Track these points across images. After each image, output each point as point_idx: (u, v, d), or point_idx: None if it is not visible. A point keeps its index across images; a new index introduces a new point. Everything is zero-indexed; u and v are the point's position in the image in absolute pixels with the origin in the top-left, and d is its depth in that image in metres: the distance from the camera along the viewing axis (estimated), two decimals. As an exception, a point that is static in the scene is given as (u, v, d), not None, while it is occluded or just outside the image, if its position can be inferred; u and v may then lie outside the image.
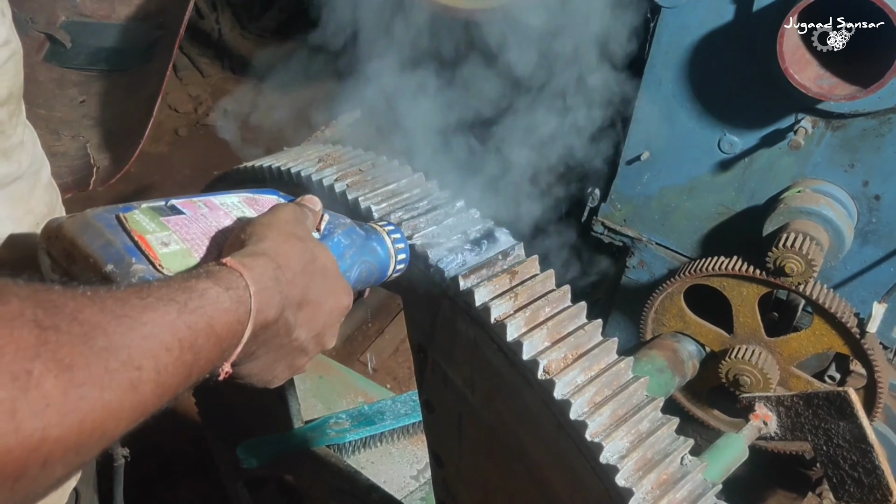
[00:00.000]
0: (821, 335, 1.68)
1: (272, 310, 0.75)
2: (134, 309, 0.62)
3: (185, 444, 2.74)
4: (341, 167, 1.20)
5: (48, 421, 0.52)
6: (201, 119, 4.44)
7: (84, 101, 1.88)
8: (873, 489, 1.23)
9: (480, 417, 1.08)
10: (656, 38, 1.70)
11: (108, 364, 0.57)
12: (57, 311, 0.56)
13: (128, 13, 1.87)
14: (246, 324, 0.71)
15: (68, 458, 0.55)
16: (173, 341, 0.63)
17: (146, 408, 0.61)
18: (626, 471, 0.90)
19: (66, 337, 0.55)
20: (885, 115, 1.54)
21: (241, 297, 0.71)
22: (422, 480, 1.90)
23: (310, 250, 0.83)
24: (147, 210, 0.83)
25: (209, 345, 0.66)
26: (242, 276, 0.72)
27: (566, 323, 1.00)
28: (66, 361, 0.54)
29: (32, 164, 1.00)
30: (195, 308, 0.66)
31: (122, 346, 0.59)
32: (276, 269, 0.76)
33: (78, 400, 0.54)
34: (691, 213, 1.87)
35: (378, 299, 3.36)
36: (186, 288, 0.67)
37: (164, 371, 0.61)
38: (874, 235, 1.69)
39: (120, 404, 0.58)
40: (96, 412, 0.55)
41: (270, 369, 0.82)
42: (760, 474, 2.14)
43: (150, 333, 0.61)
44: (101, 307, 0.59)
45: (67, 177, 1.79)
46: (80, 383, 0.55)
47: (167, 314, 0.63)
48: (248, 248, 0.79)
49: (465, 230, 1.08)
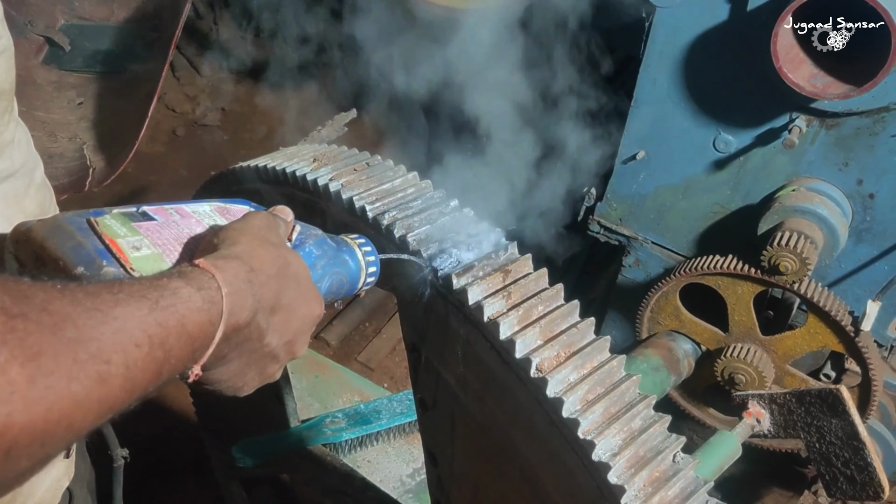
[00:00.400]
0: (815, 333, 1.69)
1: (244, 312, 0.74)
2: (105, 303, 0.61)
3: (181, 444, 2.74)
4: (336, 167, 1.21)
5: (13, 408, 0.52)
6: (198, 119, 4.43)
7: (82, 103, 1.89)
8: (865, 486, 1.23)
9: (473, 416, 1.08)
10: (651, 38, 1.70)
11: (76, 355, 0.57)
12: (26, 301, 0.56)
13: (126, 15, 1.88)
14: (217, 325, 0.71)
15: (33, 449, 0.54)
16: (143, 337, 0.62)
17: (114, 403, 0.60)
18: (619, 468, 0.90)
19: (35, 326, 0.55)
20: (878, 114, 1.55)
21: (213, 297, 0.70)
22: (417, 479, 1.90)
23: (283, 256, 0.83)
24: (118, 215, 0.83)
25: (180, 343, 0.66)
26: (215, 277, 0.72)
27: (559, 321, 1.00)
28: (34, 350, 0.54)
29: (26, 162, 1.00)
30: (166, 306, 0.65)
31: (92, 338, 0.58)
32: (250, 272, 0.76)
33: (44, 389, 0.54)
34: (687, 212, 1.87)
35: (375, 300, 3.36)
36: (158, 286, 0.67)
37: (133, 366, 0.61)
38: (868, 234, 1.69)
39: (87, 396, 0.57)
40: (63, 402, 0.55)
41: (241, 375, 0.81)
42: (757, 473, 2.15)
43: (121, 328, 0.61)
44: (71, 299, 0.59)
45: (64, 178, 1.79)
46: (48, 373, 0.54)
47: (138, 310, 0.63)
48: (221, 251, 0.78)
49: (458, 229, 1.08)
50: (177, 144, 4.30)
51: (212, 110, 4.46)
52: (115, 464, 1.47)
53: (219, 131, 4.39)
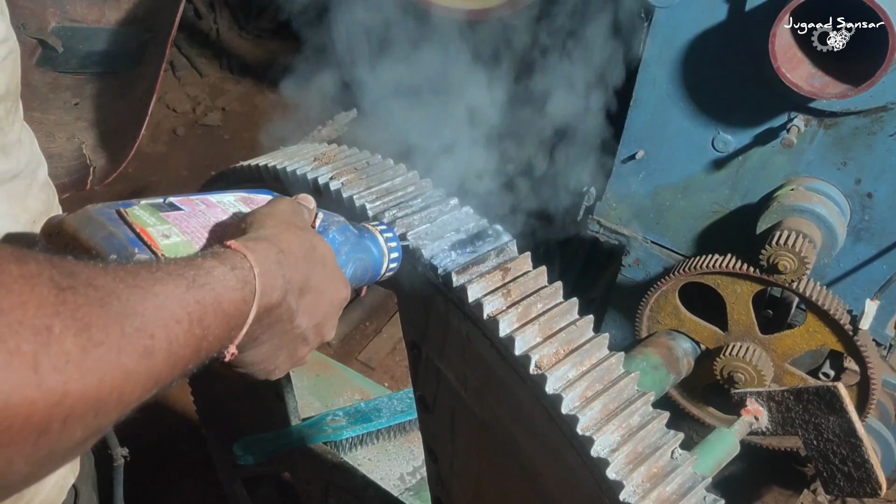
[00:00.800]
0: (814, 332, 1.70)
1: (276, 292, 0.75)
2: (145, 281, 0.62)
3: (183, 442, 2.75)
4: (336, 166, 1.21)
5: (69, 376, 0.52)
6: (199, 119, 4.44)
7: (78, 104, 1.90)
8: (863, 483, 1.24)
9: (473, 413, 1.09)
10: (650, 38, 1.71)
11: (123, 329, 0.58)
12: (73, 276, 0.57)
13: (117, 17, 1.89)
14: (251, 304, 0.71)
15: (87, 419, 0.55)
16: (183, 314, 0.63)
17: (160, 377, 0.61)
18: (617, 464, 0.91)
19: (83, 299, 0.56)
20: (876, 114, 1.56)
21: (245, 277, 0.71)
22: (418, 477, 1.91)
23: (309, 239, 0.84)
24: (146, 206, 0.85)
25: (217, 321, 0.67)
26: (246, 257, 0.73)
27: (558, 319, 1.01)
28: (85, 321, 0.55)
29: (30, 162, 1.01)
30: (203, 284, 0.66)
31: (136, 313, 0.59)
32: (279, 254, 0.77)
33: (96, 359, 0.55)
34: (686, 212, 1.88)
35: (375, 298, 3.37)
36: (193, 265, 0.68)
37: (175, 342, 0.62)
38: (867, 233, 1.70)
39: (136, 368, 0.58)
40: (114, 373, 0.56)
41: (273, 358, 0.82)
42: (756, 471, 2.16)
43: (162, 304, 0.62)
44: (113, 276, 0.60)
45: (64, 177, 1.80)
46: (98, 343, 0.55)
47: (177, 288, 0.64)
48: (250, 234, 0.80)
49: (458, 227, 1.09)
50: (178, 144, 4.32)
51: (213, 110, 4.47)
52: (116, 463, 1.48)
53: (220, 131, 4.40)
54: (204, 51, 4.77)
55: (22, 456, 0.52)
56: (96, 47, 1.91)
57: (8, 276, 0.52)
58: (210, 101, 4.55)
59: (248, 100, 4.59)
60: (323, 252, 0.86)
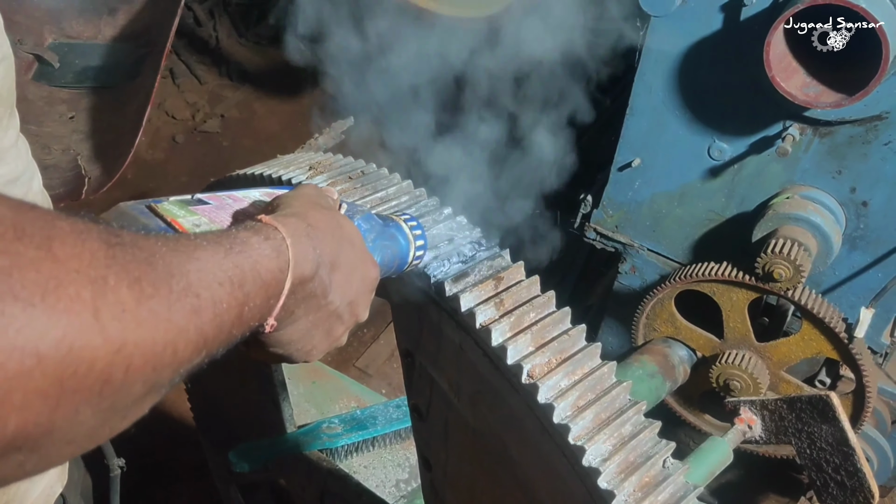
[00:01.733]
0: (810, 340, 1.70)
1: (308, 264, 0.76)
2: (185, 246, 0.63)
3: (180, 449, 2.75)
4: (331, 174, 1.22)
5: (126, 325, 0.53)
6: (198, 126, 4.45)
7: (73, 117, 1.91)
8: (856, 492, 1.24)
9: (466, 422, 1.09)
10: (646, 46, 1.72)
11: (171, 286, 0.58)
12: (119, 236, 0.57)
13: (113, 33, 1.91)
14: (286, 273, 0.72)
15: (146, 372, 0.56)
16: (224, 277, 0.64)
17: (207, 338, 0.62)
18: (609, 473, 0.91)
19: (131, 255, 0.56)
20: (871, 123, 1.56)
21: (279, 247, 0.72)
22: (413, 484, 1.91)
23: (335, 218, 0.86)
24: (175, 202, 0.87)
25: (256, 288, 0.68)
26: (278, 229, 0.74)
27: (550, 328, 1.01)
28: (135, 275, 0.55)
29: (26, 170, 1.02)
30: (240, 251, 0.67)
31: (181, 272, 0.60)
32: (308, 227, 0.78)
33: (150, 311, 0.55)
34: (682, 220, 1.88)
35: (373, 305, 3.36)
36: (229, 236, 0.69)
37: (219, 304, 0.63)
38: (862, 241, 1.70)
39: (186, 325, 0.59)
40: (167, 327, 0.57)
41: (309, 337, 0.82)
42: (753, 479, 2.16)
43: (203, 267, 0.63)
44: (155, 240, 0.61)
45: (60, 188, 1.81)
46: (150, 296, 0.56)
47: (216, 253, 0.65)
48: (278, 212, 0.81)
49: (451, 237, 1.09)
50: (177, 151, 4.32)
51: (212, 117, 4.48)
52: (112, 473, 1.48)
53: (219, 138, 4.41)
54: (203, 58, 4.78)
55: (88, 405, 0.52)
56: (92, 62, 1.92)
57: (59, 230, 0.53)
58: (209, 107, 4.56)
59: (246, 106, 4.60)
60: (350, 232, 0.87)
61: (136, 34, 1.92)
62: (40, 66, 1.85)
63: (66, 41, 1.86)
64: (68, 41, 1.86)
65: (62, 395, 0.50)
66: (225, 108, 4.54)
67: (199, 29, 4.83)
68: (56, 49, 1.85)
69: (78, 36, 1.87)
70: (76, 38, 1.87)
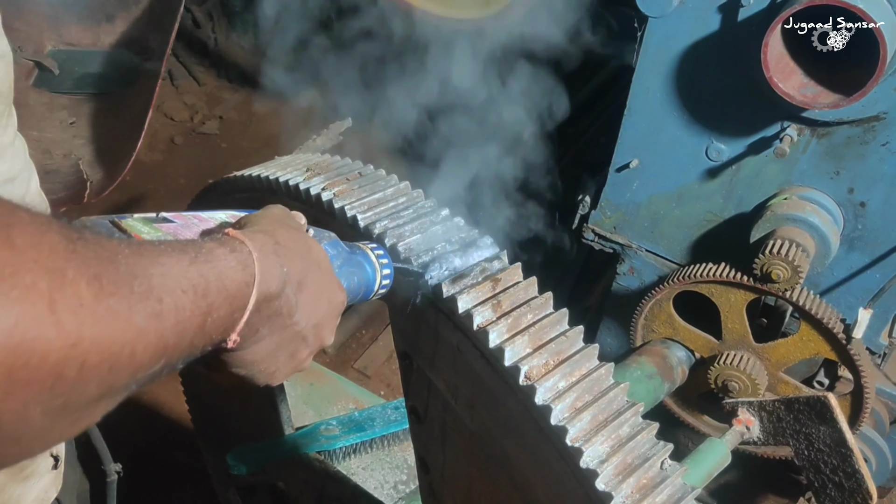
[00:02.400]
0: (808, 341, 1.70)
1: (275, 280, 0.75)
2: (150, 252, 0.62)
3: (178, 452, 2.75)
4: (328, 176, 1.22)
5: (83, 320, 0.52)
6: (197, 127, 4.45)
7: (74, 123, 1.92)
8: (853, 493, 1.24)
9: (464, 423, 1.09)
10: (644, 48, 1.72)
11: (132, 286, 0.57)
12: (82, 232, 0.56)
13: (112, 40, 1.92)
14: (252, 287, 0.71)
15: (102, 372, 0.54)
16: (188, 284, 0.63)
17: (168, 345, 0.60)
18: (606, 475, 0.91)
19: (93, 252, 0.55)
20: (868, 123, 1.56)
21: (245, 260, 0.71)
22: (412, 486, 1.90)
23: (304, 240, 0.84)
24: (139, 219, 0.85)
25: (220, 299, 0.67)
26: (245, 243, 0.73)
27: (548, 329, 1.01)
28: (96, 271, 0.54)
29: (24, 170, 1.02)
30: (205, 260, 0.66)
31: (144, 275, 0.59)
32: (276, 245, 0.77)
33: (108, 309, 0.54)
34: (680, 221, 1.88)
35: (371, 307, 3.37)
36: (195, 245, 0.68)
37: (181, 310, 0.61)
38: (860, 242, 1.70)
39: (146, 328, 0.57)
40: (126, 327, 0.55)
41: (273, 357, 0.81)
42: (752, 480, 2.16)
43: (167, 273, 0.61)
44: (119, 242, 0.60)
45: (62, 192, 1.82)
46: (109, 294, 0.54)
47: (181, 261, 0.64)
48: (246, 228, 0.80)
49: (449, 238, 1.09)
50: (175, 153, 4.32)
51: (210, 119, 4.48)
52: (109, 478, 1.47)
53: (217, 139, 4.41)
54: (202, 60, 4.78)
55: (38, 402, 0.50)
56: (91, 69, 1.94)
57: (19, 219, 0.51)
58: (207, 109, 4.55)
59: (245, 108, 4.60)
60: (318, 254, 0.86)
61: (135, 41, 1.94)
62: (40, 72, 1.87)
63: (65, 48, 1.88)
64: (67, 48, 1.88)
65: (11, 388, 0.48)
66: (223, 109, 4.54)
67: (197, 31, 4.83)
68: (55, 56, 1.86)
69: (77, 43, 1.89)
70: (75, 46, 1.88)
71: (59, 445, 1.12)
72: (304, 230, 0.89)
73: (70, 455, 1.19)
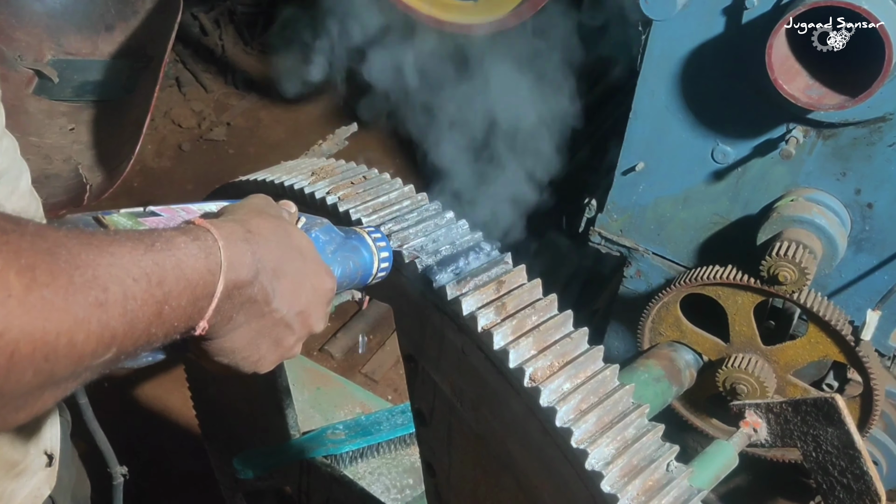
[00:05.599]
0: (816, 343, 1.69)
1: (244, 269, 0.74)
2: (100, 241, 0.61)
3: (185, 457, 2.75)
4: (333, 180, 1.22)
5: (10, 310, 0.51)
6: (204, 134, 4.47)
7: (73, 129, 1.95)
8: (862, 495, 1.23)
9: (469, 426, 1.09)
10: (648, 51, 1.72)
11: (72, 277, 0.56)
12: (20, 224, 0.56)
13: (111, 49, 1.96)
14: (218, 276, 0.70)
15: (37, 362, 0.54)
16: (140, 273, 0.62)
17: (116, 334, 0.59)
18: (612, 477, 0.91)
19: (29, 244, 0.55)
20: (874, 124, 1.56)
21: (209, 248, 0.70)
22: (419, 490, 1.90)
23: (283, 227, 0.83)
24: (125, 213, 0.85)
25: (179, 288, 0.66)
26: (210, 231, 0.72)
27: (552, 331, 1.01)
28: (27, 263, 0.54)
29: (11, 168, 1.01)
30: (162, 249, 0.65)
31: (88, 264, 0.58)
32: (247, 233, 0.76)
33: (40, 299, 0.53)
34: (686, 223, 1.88)
35: (379, 312, 3.37)
36: (153, 234, 0.67)
37: (131, 298, 0.61)
38: (867, 243, 1.69)
39: (87, 317, 0.57)
40: (62, 317, 0.55)
41: (254, 346, 0.80)
42: (762, 483, 2.14)
43: (117, 262, 0.61)
44: (66, 233, 0.59)
45: (62, 195, 1.85)
46: (43, 285, 0.54)
47: (134, 250, 0.63)
48: (219, 218, 0.80)
49: (453, 241, 1.09)
50: (183, 159, 4.34)
51: (218, 125, 4.49)
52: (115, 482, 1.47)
53: (224, 146, 4.43)
54: (209, 66, 4.80)
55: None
56: (90, 77, 1.97)
57: None
58: (215, 116, 4.57)
59: (252, 115, 4.62)
60: (299, 241, 0.85)
61: (133, 50, 1.96)
62: (40, 81, 1.89)
63: (64, 57, 1.90)
64: (67, 57, 1.90)
65: None
66: (231, 116, 4.56)
67: (204, 38, 4.85)
68: (55, 65, 1.89)
69: (76, 52, 1.92)
70: (74, 55, 1.91)
71: (52, 444, 1.12)
72: (284, 218, 0.87)
73: (66, 455, 1.19)
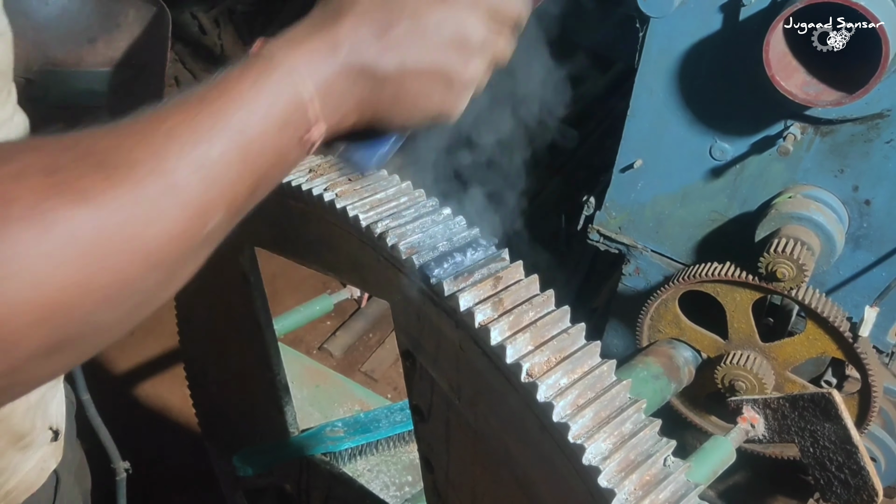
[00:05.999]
0: (814, 340, 1.69)
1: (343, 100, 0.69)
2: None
3: (185, 455, 2.76)
4: (331, 177, 1.22)
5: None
6: (204, 133, 4.47)
7: (72, 131, 1.97)
8: (859, 490, 1.23)
9: (467, 422, 1.09)
10: (646, 48, 1.72)
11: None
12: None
13: (95, 60, 1.98)
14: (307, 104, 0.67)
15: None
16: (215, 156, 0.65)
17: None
18: (609, 472, 0.91)
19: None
20: (872, 121, 1.56)
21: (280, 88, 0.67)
22: (417, 487, 1.91)
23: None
24: None
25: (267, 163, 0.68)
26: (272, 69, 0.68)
27: (550, 327, 1.01)
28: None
29: None
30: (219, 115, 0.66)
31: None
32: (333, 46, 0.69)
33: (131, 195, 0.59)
34: (685, 220, 1.88)
35: (378, 310, 3.38)
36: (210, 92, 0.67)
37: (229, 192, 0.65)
38: (865, 240, 1.70)
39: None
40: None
41: (414, 91, 0.69)
42: (761, 481, 2.15)
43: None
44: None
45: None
46: (118, 183, 0.59)
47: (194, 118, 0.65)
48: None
49: (450, 237, 1.09)
50: (182, 158, 4.34)
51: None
52: (118, 477, 1.48)
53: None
54: (208, 66, 4.81)
55: None
56: (79, 87, 2.00)
57: None
58: (215, 115, 4.58)
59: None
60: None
61: (121, 61, 1.99)
62: (30, 90, 1.91)
63: (50, 69, 1.93)
64: (53, 69, 1.93)
65: None
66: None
67: (203, 37, 4.86)
68: (43, 76, 1.91)
69: (61, 64, 1.94)
70: (59, 66, 1.94)
71: (58, 420, 1.12)
72: None
73: (70, 436, 1.20)
